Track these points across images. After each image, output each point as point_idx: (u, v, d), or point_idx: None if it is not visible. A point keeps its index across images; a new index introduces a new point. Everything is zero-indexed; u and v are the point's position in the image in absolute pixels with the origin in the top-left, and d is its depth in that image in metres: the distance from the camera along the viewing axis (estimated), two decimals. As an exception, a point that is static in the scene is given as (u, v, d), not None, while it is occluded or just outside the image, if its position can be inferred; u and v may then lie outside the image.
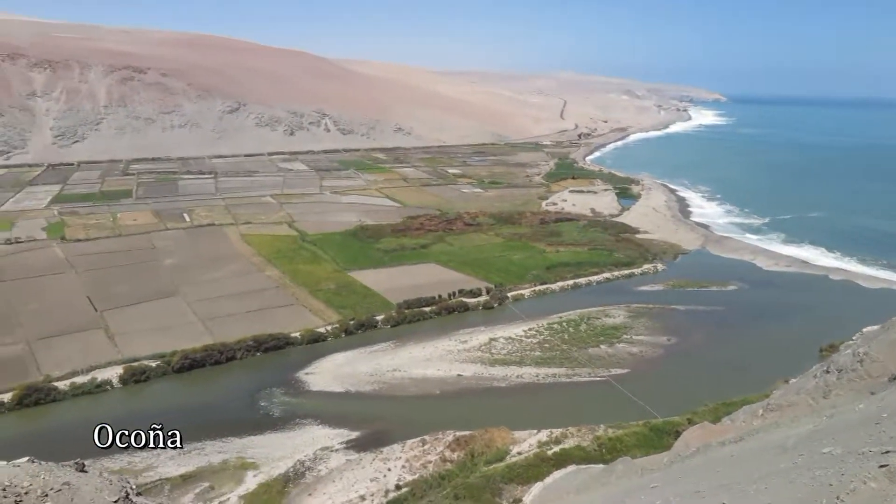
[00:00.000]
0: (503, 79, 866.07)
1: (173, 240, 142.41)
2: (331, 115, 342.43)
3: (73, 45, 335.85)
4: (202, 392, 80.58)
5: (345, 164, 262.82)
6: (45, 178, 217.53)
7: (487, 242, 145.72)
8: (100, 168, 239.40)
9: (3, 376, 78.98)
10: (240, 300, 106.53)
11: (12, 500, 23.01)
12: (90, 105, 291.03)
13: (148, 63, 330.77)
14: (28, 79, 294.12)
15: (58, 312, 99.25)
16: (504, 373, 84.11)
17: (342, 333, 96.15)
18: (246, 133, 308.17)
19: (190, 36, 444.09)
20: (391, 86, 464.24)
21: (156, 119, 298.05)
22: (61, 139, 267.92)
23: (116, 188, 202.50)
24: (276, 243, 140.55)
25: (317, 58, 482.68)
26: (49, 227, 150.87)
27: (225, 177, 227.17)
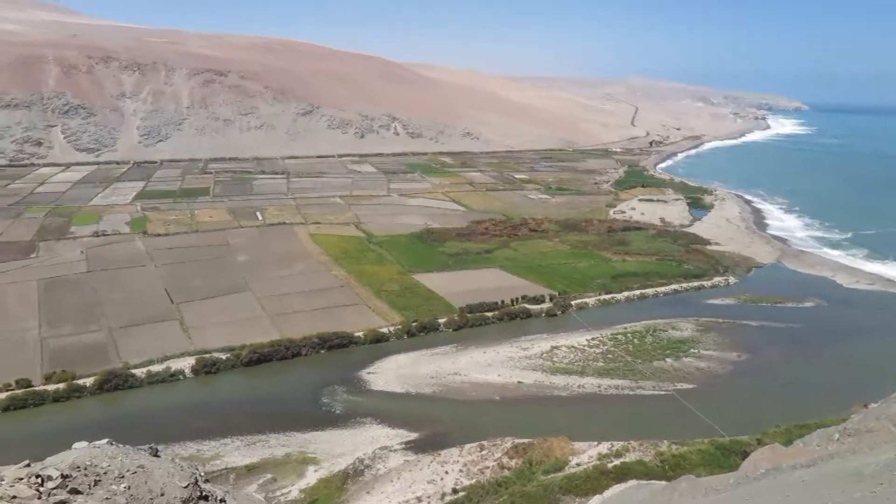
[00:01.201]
0: (573, 84, 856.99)
1: (246, 237, 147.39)
2: (400, 119, 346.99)
3: (161, 49, 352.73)
4: (268, 386, 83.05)
5: (412, 168, 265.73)
6: (131, 175, 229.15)
7: (552, 249, 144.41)
8: (181, 166, 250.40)
9: (87, 362, 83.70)
10: (307, 298, 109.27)
11: (92, 479, 24.38)
12: (174, 106, 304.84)
13: (228, 66, 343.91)
14: (119, 81, 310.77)
15: (138, 303, 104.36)
16: (565, 382, 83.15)
17: (404, 335, 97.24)
18: (318, 135, 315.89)
19: (268, 40, 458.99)
20: (460, 90, 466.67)
21: (234, 120, 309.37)
22: (147, 138, 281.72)
23: (195, 186, 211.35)
24: (343, 244, 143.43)
25: (388, 62, 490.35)
26: (132, 221, 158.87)
27: (296, 177, 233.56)
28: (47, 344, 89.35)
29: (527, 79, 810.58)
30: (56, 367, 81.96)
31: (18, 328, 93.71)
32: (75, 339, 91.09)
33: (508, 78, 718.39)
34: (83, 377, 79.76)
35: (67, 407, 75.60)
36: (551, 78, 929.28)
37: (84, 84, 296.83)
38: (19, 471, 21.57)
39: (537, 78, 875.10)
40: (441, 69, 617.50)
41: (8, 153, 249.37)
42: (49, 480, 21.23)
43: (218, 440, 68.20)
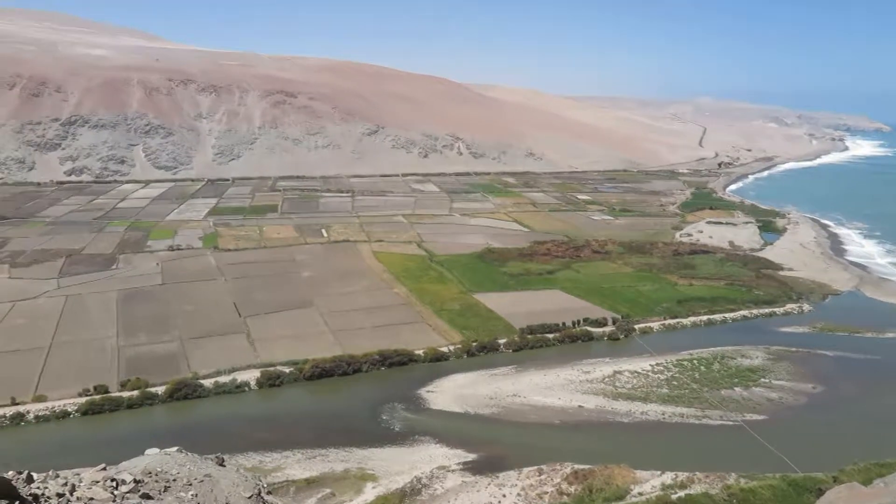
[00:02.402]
0: (637, 104, 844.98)
1: (311, 253, 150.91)
2: (464, 139, 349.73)
3: (236, 71, 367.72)
4: (329, 401, 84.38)
5: (475, 187, 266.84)
6: (205, 192, 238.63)
7: (616, 272, 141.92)
8: (251, 184, 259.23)
9: (159, 371, 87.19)
10: (368, 315, 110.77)
11: (162, 485, 25.40)
12: (246, 126, 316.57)
13: (298, 88, 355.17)
14: (196, 102, 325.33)
15: (208, 315, 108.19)
16: (628, 408, 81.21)
17: (464, 354, 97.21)
18: (383, 154, 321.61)
19: (337, 62, 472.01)
20: (523, 111, 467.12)
21: (302, 140, 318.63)
22: (220, 157, 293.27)
23: (264, 203, 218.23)
24: (405, 262, 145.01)
25: (452, 83, 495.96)
26: (205, 237, 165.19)
27: (361, 195, 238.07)
28: (124, 352, 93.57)
29: (590, 99, 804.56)
30: (131, 374, 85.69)
31: (98, 336, 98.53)
32: (149, 349, 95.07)
33: (571, 98, 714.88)
34: (155, 385, 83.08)
35: (140, 413, 78.85)
36: (615, 98, 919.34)
37: (164, 105, 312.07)
38: (96, 473, 22.71)
39: (601, 98, 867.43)
40: (504, 89, 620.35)
41: (94, 170, 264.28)
42: (123, 484, 22.27)
43: (280, 452, 69.62)
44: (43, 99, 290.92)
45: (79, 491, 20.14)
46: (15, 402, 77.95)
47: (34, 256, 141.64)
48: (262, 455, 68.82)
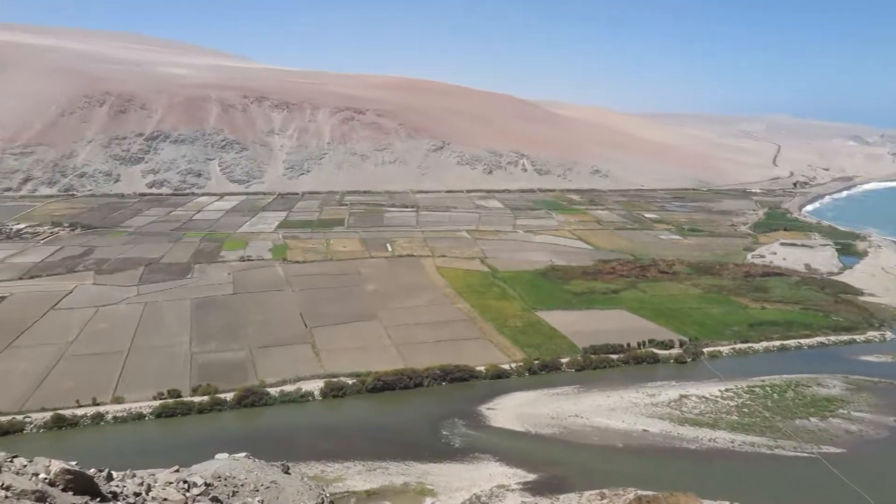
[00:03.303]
0: (707, 121, 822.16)
1: (376, 267, 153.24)
2: (528, 156, 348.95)
3: (307, 89, 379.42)
4: (390, 414, 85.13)
5: (539, 204, 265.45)
6: (275, 206, 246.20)
7: (683, 293, 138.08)
8: (319, 198, 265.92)
9: (228, 377, 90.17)
10: (431, 329, 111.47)
11: (231, 489, 26.30)
12: (316, 142, 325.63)
13: (367, 105, 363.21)
14: (269, 118, 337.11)
15: (275, 325, 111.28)
16: (695, 434, 78.62)
17: (525, 372, 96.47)
18: (448, 170, 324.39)
19: (404, 80, 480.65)
20: (589, 128, 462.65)
21: (370, 155, 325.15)
22: (290, 171, 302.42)
23: (331, 217, 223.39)
24: (468, 277, 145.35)
25: (518, 100, 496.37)
26: (274, 248, 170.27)
27: (426, 211, 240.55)
28: (196, 359, 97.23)
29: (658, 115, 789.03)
30: (202, 380, 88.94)
31: (173, 342, 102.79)
32: (220, 356, 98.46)
33: (639, 115, 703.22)
34: (224, 392, 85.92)
35: (209, 418, 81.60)
36: (684, 115, 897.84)
37: (239, 121, 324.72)
38: (169, 475, 23.75)
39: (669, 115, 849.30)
40: (570, 107, 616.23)
41: (173, 183, 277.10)
42: (194, 487, 23.22)
43: (341, 463, 70.64)
44: (129, 115, 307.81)
45: (154, 491, 21.12)
46: (96, 403, 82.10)
47: (117, 264, 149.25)
48: (323, 465, 69.99)
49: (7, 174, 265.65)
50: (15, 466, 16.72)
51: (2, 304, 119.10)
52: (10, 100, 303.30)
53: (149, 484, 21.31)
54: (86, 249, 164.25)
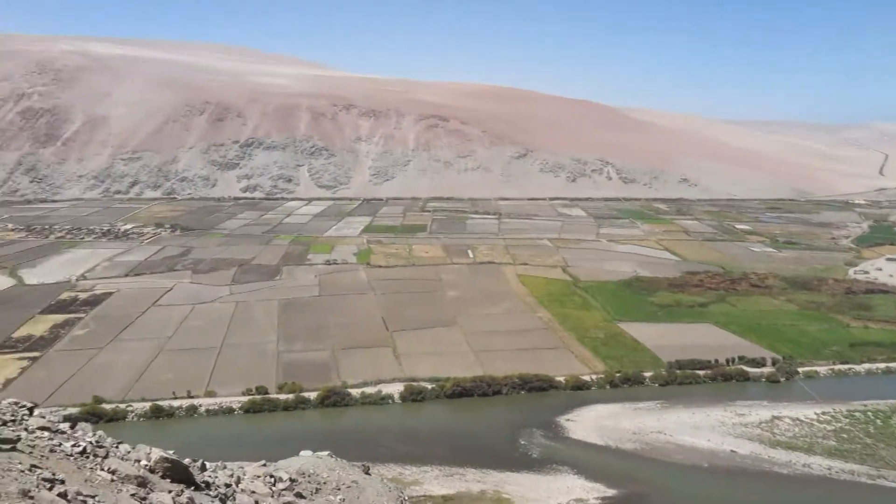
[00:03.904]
0: (806, 129, 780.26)
1: (457, 273, 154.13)
2: (613, 164, 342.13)
3: (394, 97, 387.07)
4: (468, 420, 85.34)
5: (624, 213, 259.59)
6: (360, 211, 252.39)
7: (777, 308, 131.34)
8: (403, 204, 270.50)
9: (312, 377, 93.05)
10: (510, 337, 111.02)
11: (314, 486, 27.16)
12: (401, 149, 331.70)
13: (451, 112, 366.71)
14: (357, 126, 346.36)
15: (358, 328, 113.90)
16: (787, 458, 74.54)
17: (606, 384, 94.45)
18: (530, 178, 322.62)
19: (489, 88, 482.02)
20: (678, 135, 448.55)
21: (453, 162, 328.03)
22: (376, 178, 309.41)
23: (414, 223, 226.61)
24: (549, 286, 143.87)
25: (603, 107, 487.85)
26: (359, 253, 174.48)
27: (507, 218, 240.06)
28: (282, 357, 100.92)
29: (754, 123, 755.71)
30: (288, 378, 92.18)
31: (261, 341, 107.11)
32: (305, 356, 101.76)
33: (733, 122, 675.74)
34: (308, 391, 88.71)
35: (294, 416, 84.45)
36: (781, 122, 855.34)
37: (328, 129, 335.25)
38: (257, 469, 24.80)
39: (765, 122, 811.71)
40: (660, 114, 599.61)
41: (265, 188, 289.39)
42: (280, 482, 24.16)
43: (419, 466, 71.37)
44: (226, 123, 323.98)
45: (243, 483, 22.12)
46: (190, 396, 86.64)
47: (212, 265, 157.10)
48: (401, 467, 70.93)
49: (117, 178, 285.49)
50: (120, 452, 17.89)
51: (109, 299, 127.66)
52: (121, 108, 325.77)
53: (238, 476, 22.35)
54: (184, 250, 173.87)
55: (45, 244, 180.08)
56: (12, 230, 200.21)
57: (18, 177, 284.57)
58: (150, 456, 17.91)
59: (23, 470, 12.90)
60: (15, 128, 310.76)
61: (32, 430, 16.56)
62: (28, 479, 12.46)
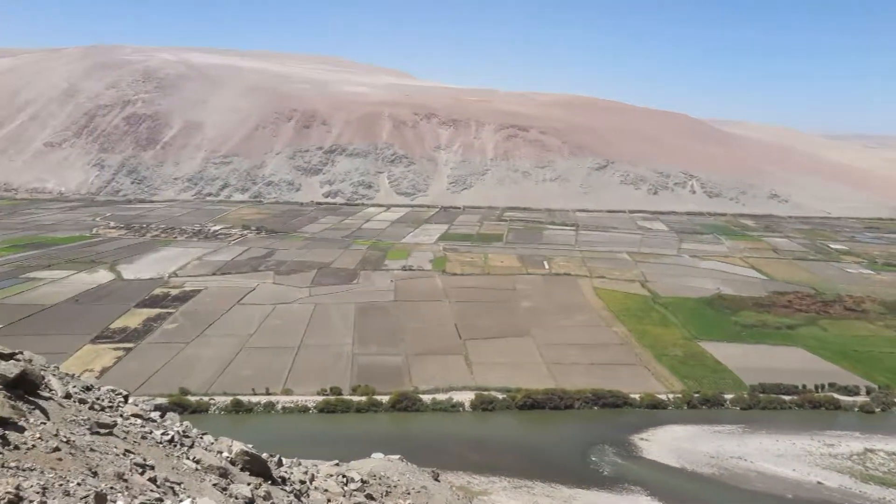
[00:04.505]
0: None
1: (532, 284, 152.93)
2: (698, 177, 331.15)
3: (474, 107, 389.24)
4: (539, 433, 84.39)
5: (708, 229, 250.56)
6: (437, 218, 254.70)
7: (874, 334, 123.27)
8: (479, 213, 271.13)
9: (384, 380, 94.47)
10: (584, 351, 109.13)
11: (384, 489, 27.57)
12: (479, 158, 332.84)
13: (531, 122, 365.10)
14: (437, 134, 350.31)
15: (431, 334, 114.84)
16: (881, 494, 69.74)
17: (684, 405, 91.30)
18: (610, 190, 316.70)
19: (570, 97, 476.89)
20: (768, 149, 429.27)
21: (531, 173, 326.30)
22: (454, 186, 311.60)
23: (490, 232, 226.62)
24: (626, 300, 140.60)
25: (687, 118, 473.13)
26: (434, 260, 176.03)
27: (585, 230, 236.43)
28: (357, 360, 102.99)
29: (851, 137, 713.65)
30: (361, 381, 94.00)
31: (338, 343, 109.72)
32: (378, 359, 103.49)
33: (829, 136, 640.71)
34: (380, 394, 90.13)
35: (365, 418, 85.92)
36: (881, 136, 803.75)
37: (409, 137, 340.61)
38: (330, 468, 25.42)
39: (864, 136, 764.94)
40: (750, 126, 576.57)
41: (346, 194, 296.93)
42: (352, 482, 24.66)
43: (487, 476, 71.13)
44: (312, 130, 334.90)
45: (317, 481, 22.74)
46: (268, 392, 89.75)
47: (293, 266, 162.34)
48: (470, 476, 70.88)
49: (209, 181, 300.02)
50: (204, 443, 18.78)
51: (198, 296, 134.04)
52: (215, 115, 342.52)
53: (312, 474, 22.99)
54: (268, 251, 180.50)
55: (142, 242, 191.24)
56: (113, 228, 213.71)
57: (121, 178, 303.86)
58: (231, 448, 18.66)
59: (118, 454, 13.74)
60: (120, 132, 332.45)
61: (127, 417, 17.62)
62: (123, 462, 13.28)
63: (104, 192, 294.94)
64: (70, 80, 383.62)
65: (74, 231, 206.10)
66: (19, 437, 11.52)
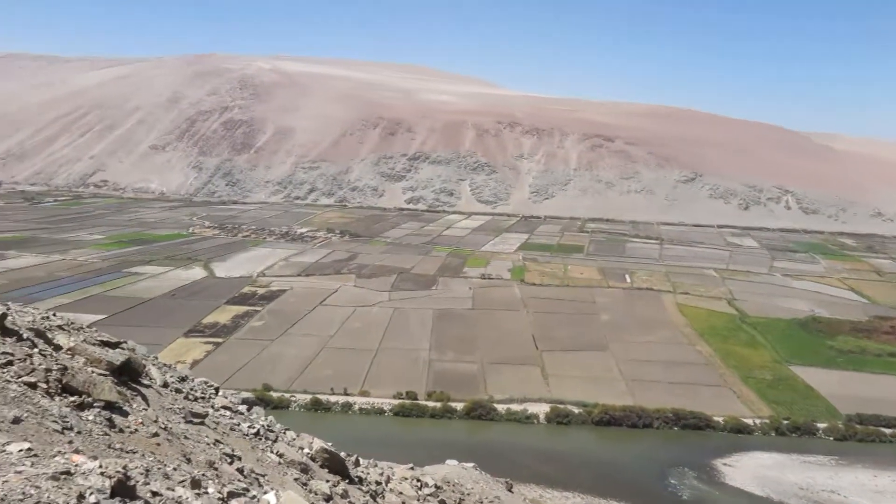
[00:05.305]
0: None
1: (612, 297, 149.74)
2: (794, 192, 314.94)
3: (558, 115, 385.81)
4: (615, 450, 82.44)
5: (803, 247, 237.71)
6: (518, 228, 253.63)
7: None
8: (561, 223, 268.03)
9: (459, 388, 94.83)
10: (665, 369, 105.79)
11: (458, 496, 27.71)
12: (562, 168, 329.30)
13: (616, 132, 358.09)
14: (519, 143, 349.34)
15: (508, 344, 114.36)
16: None
17: (772, 431, 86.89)
18: (698, 203, 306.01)
19: (658, 108, 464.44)
20: (875, 164, 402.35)
21: (615, 184, 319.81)
22: (535, 195, 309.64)
23: (571, 243, 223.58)
24: (711, 318, 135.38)
25: (784, 130, 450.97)
26: (513, 269, 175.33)
27: (670, 244, 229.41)
28: (433, 366, 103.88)
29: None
30: (437, 387, 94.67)
31: (415, 348, 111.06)
32: (454, 366, 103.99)
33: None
34: (455, 401, 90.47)
35: (439, 424, 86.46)
36: None
37: (491, 145, 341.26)
38: (405, 471, 25.80)
39: None
40: (851, 139, 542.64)
41: (428, 200, 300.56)
42: (426, 487, 24.93)
43: (560, 491, 70.01)
44: (396, 137, 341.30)
45: (392, 483, 23.14)
46: (346, 393, 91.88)
47: (374, 270, 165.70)
48: (543, 489, 69.97)
49: (297, 185, 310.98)
50: (286, 438, 19.51)
51: (283, 295, 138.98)
52: (305, 121, 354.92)
53: (388, 476, 23.41)
54: (350, 255, 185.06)
55: (234, 242, 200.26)
56: (208, 227, 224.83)
57: (217, 180, 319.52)
58: (311, 445, 19.29)
59: (209, 443, 14.53)
60: (218, 136, 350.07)
61: (217, 409, 18.59)
62: (213, 451, 14.02)
63: (201, 193, 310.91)
64: (174, 87, 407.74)
65: (173, 229, 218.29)
66: (123, 421, 12.41)
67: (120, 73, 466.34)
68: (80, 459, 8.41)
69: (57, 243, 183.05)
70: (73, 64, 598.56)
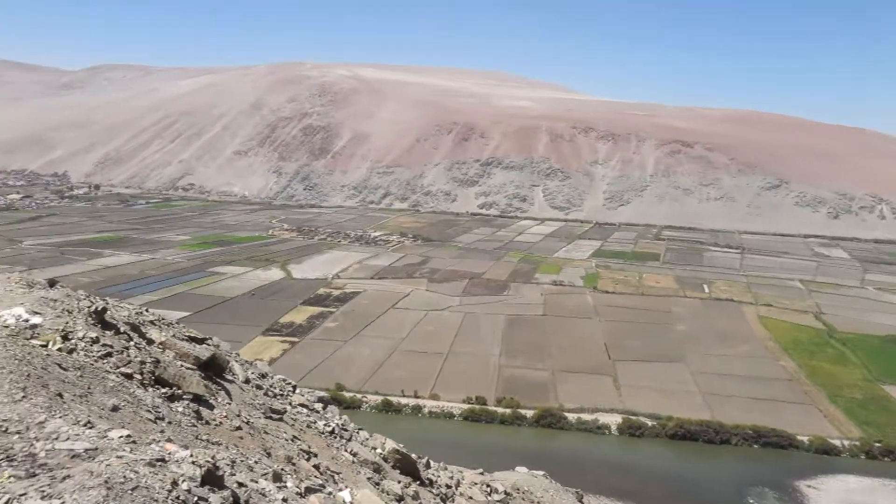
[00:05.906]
0: None
1: (688, 308, 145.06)
2: (888, 201, 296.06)
3: (635, 121, 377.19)
4: (690, 465, 79.76)
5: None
6: (591, 234, 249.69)
7: None
8: (636, 230, 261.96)
9: (529, 395, 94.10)
10: (745, 384, 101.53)
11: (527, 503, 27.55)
12: (638, 174, 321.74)
13: (695, 138, 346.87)
14: (594, 149, 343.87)
15: (579, 352, 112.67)
16: None
17: (861, 454, 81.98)
18: (783, 211, 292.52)
19: (740, 112, 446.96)
20: None
21: (694, 190, 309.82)
22: (610, 202, 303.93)
23: (646, 250, 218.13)
24: (796, 332, 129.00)
25: (877, 134, 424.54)
26: (586, 276, 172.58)
27: (752, 254, 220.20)
28: (503, 371, 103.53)
29: None
30: (506, 393, 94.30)
31: (485, 353, 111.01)
32: (524, 373, 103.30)
33: None
34: (525, 408, 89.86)
35: (509, 430, 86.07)
36: None
37: (565, 151, 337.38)
38: (475, 476, 25.83)
39: None
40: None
41: (500, 205, 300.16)
42: (495, 493, 24.89)
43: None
44: (470, 143, 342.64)
45: (461, 487, 23.25)
46: (416, 395, 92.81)
47: (446, 275, 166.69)
48: (613, 502, 68.39)
49: (372, 189, 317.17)
50: (360, 437, 19.93)
51: (357, 297, 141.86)
52: (381, 127, 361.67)
53: (458, 480, 23.54)
54: (423, 259, 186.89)
55: (311, 244, 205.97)
56: (287, 230, 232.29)
57: (295, 184, 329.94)
58: (384, 445, 19.65)
59: (287, 439, 15.05)
60: (297, 142, 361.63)
61: (294, 406, 19.20)
62: (291, 447, 14.53)
63: (280, 197, 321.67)
64: (257, 94, 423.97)
65: (253, 231, 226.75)
66: (209, 414, 13.06)
67: (208, 82, 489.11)
68: (173, 448, 8.93)
69: (147, 243, 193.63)
70: (166, 73, 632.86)
